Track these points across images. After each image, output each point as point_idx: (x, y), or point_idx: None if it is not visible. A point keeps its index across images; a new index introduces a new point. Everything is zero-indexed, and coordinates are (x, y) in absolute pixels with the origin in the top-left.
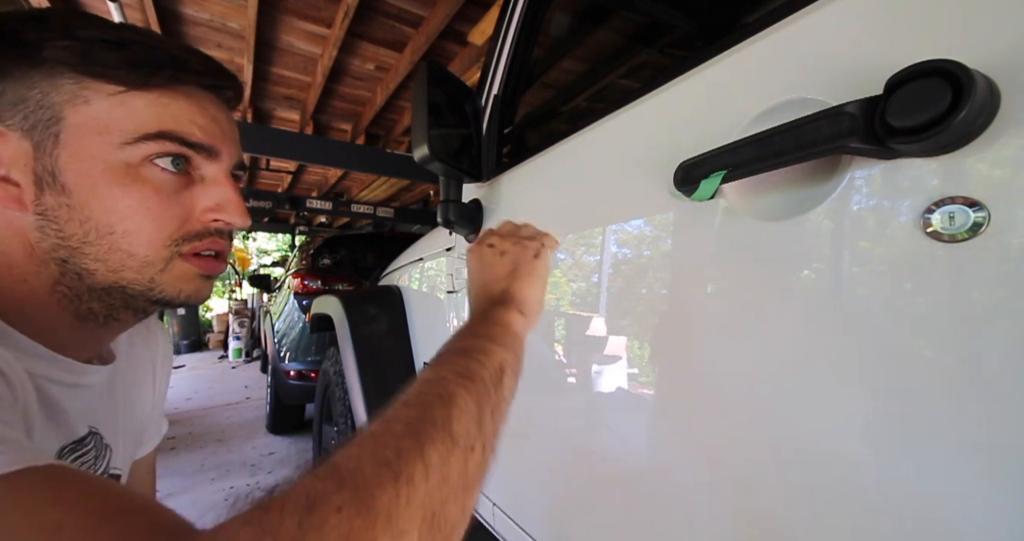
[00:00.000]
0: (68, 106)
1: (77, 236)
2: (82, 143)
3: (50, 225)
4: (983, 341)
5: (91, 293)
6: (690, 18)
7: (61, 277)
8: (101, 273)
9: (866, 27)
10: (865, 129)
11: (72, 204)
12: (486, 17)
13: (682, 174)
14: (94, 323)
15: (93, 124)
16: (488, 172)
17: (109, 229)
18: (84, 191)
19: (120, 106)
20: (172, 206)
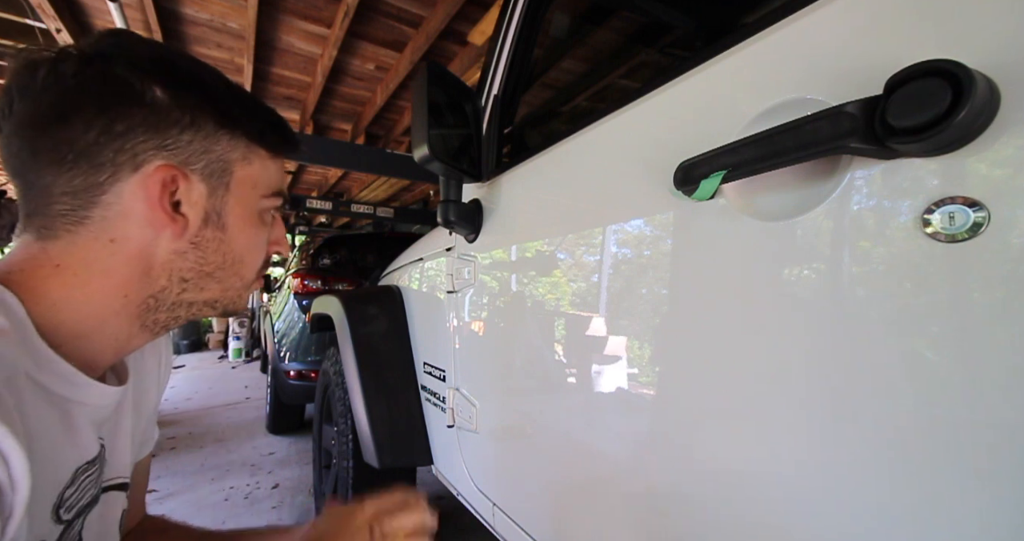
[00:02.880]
0: (237, 163)
1: (215, 263)
2: (242, 192)
3: (196, 252)
4: (983, 341)
5: (172, 305)
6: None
7: (160, 291)
8: (210, 291)
9: (866, 27)
10: (865, 129)
11: (224, 239)
12: (486, 17)
13: (682, 174)
14: (150, 332)
15: (250, 179)
16: (488, 172)
17: (240, 259)
18: (236, 230)
19: (264, 168)
20: (266, 243)
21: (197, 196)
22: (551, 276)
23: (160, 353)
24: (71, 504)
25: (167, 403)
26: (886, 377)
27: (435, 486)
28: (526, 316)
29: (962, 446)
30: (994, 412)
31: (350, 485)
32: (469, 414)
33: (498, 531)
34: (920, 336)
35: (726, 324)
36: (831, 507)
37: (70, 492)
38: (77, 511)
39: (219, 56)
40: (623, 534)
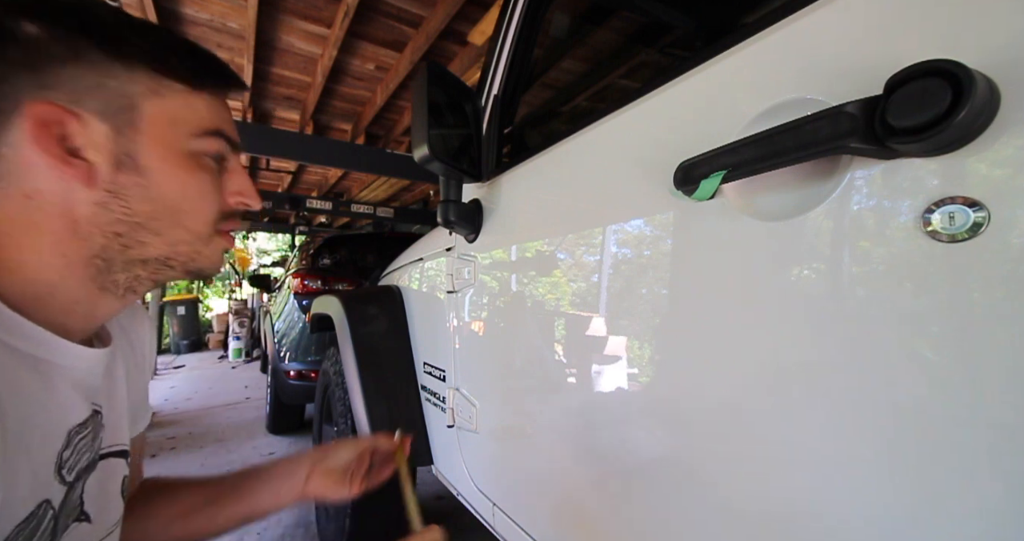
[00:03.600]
0: (143, 98)
1: (145, 213)
2: (157, 131)
3: (116, 202)
4: (983, 341)
5: (125, 264)
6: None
7: (102, 250)
8: (155, 246)
9: (866, 27)
10: (865, 129)
11: (146, 184)
12: (486, 17)
13: (682, 174)
14: (113, 295)
15: (166, 116)
16: (488, 172)
17: (176, 208)
18: (158, 173)
19: (186, 103)
20: (217, 191)
21: (99, 137)
22: (551, 276)
23: (143, 331)
24: (71, 466)
25: (167, 403)
26: (886, 377)
27: (435, 486)
28: (526, 316)
29: (962, 446)
30: (994, 412)
31: None
32: (469, 414)
33: (498, 531)
34: (920, 336)
35: (726, 324)
36: (831, 507)
37: (67, 453)
38: (77, 474)
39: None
40: (623, 534)
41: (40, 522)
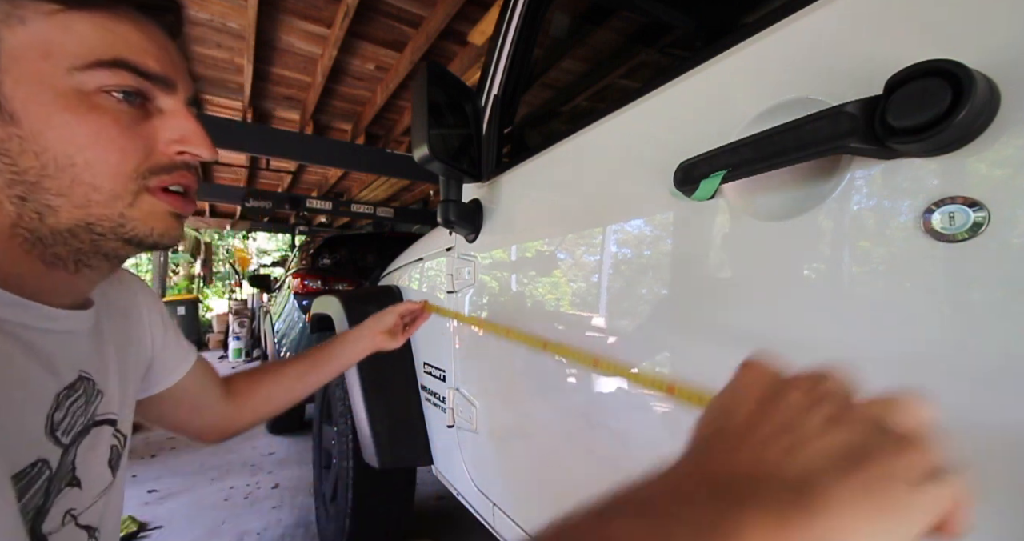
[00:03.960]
0: (1, 27)
1: (35, 169)
2: (26, 68)
3: (1, 159)
4: (983, 341)
5: (55, 236)
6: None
7: (19, 218)
8: (66, 210)
9: (866, 27)
10: (865, 129)
11: (24, 135)
12: (486, 17)
13: (682, 174)
14: (64, 270)
15: (34, 47)
16: (488, 172)
17: (69, 160)
18: (36, 120)
19: (62, 28)
20: (133, 137)
21: None
22: (551, 276)
23: (134, 294)
24: (66, 428)
25: None
26: (886, 377)
27: (435, 486)
28: (526, 316)
29: (962, 446)
30: (994, 412)
31: (350, 485)
32: (469, 414)
33: (498, 531)
34: (920, 336)
35: (726, 324)
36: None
37: (59, 415)
38: (72, 437)
39: (219, 56)
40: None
41: (33, 481)
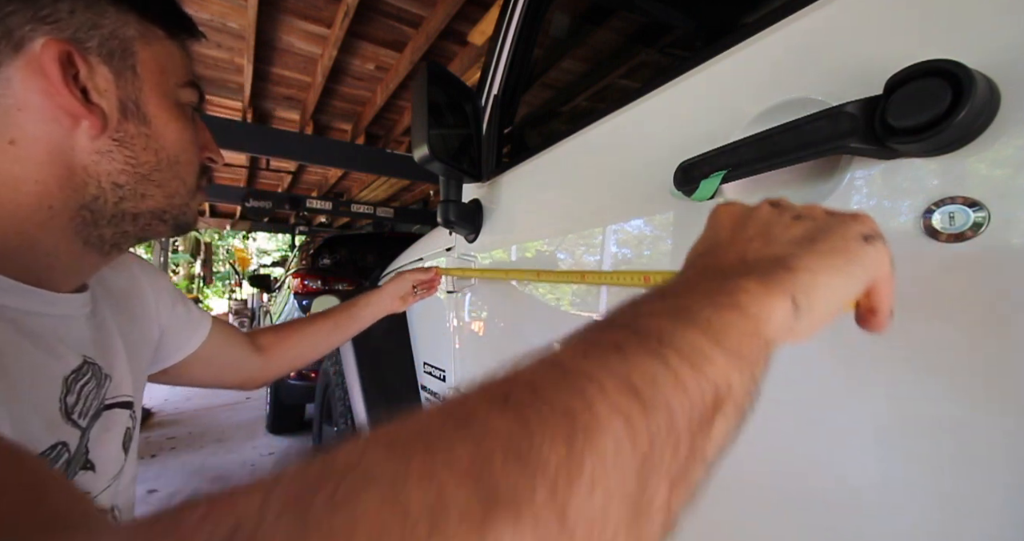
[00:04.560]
0: (137, 43)
1: (150, 164)
2: (155, 79)
3: (124, 151)
4: (983, 341)
5: (114, 218)
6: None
7: (93, 201)
8: (155, 198)
9: (866, 27)
10: (865, 129)
11: (150, 134)
12: (486, 17)
13: (682, 174)
14: (97, 251)
15: (158, 63)
16: (488, 172)
17: (176, 159)
18: (160, 123)
19: (168, 51)
20: (198, 143)
21: (103, 81)
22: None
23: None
24: (82, 411)
25: (167, 403)
26: (886, 377)
27: None
28: (526, 316)
29: (962, 446)
30: (994, 412)
31: None
32: None
33: None
34: (919, 336)
35: None
36: (830, 509)
37: (71, 399)
38: (88, 420)
39: (219, 56)
40: None
41: (52, 464)
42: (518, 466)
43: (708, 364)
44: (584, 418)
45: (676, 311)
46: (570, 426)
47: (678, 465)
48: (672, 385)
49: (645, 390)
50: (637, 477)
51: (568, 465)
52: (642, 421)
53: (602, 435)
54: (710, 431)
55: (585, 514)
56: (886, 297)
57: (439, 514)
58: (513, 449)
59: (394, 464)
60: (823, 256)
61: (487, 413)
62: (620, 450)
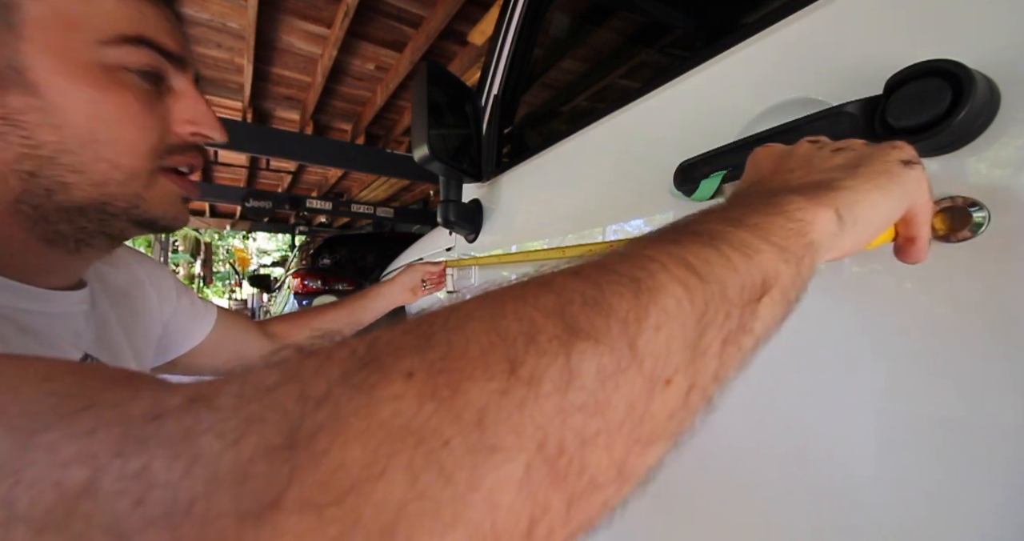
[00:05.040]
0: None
1: (52, 143)
2: (50, 38)
3: (15, 131)
4: (983, 341)
5: (61, 213)
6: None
7: (23, 194)
8: (81, 187)
9: (866, 27)
10: (865, 129)
11: (45, 107)
12: (486, 17)
13: (682, 174)
14: (63, 249)
15: (59, 16)
16: (488, 172)
17: (91, 135)
18: (59, 93)
19: (86, 1)
20: (153, 115)
21: None
22: None
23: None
24: None
25: None
26: (886, 377)
27: None
28: None
29: (962, 446)
30: (994, 412)
31: None
32: None
33: None
34: (919, 336)
35: None
36: (829, 509)
37: None
38: None
39: (219, 56)
40: (621, 532)
41: None
42: (594, 310)
43: (756, 253)
44: (648, 282)
45: (726, 220)
46: (636, 288)
47: (730, 328)
48: (724, 266)
49: (701, 267)
50: (695, 329)
51: (636, 312)
52: (698, 288)
53: (664, 294)
54: (757, 309)
55: (651, 349)
56: (924, 224)
57: (532, 336)
58: (589, 299)
59: (490, 307)
60: (865, 178)
61: (564, 279)
62: (680, 307)
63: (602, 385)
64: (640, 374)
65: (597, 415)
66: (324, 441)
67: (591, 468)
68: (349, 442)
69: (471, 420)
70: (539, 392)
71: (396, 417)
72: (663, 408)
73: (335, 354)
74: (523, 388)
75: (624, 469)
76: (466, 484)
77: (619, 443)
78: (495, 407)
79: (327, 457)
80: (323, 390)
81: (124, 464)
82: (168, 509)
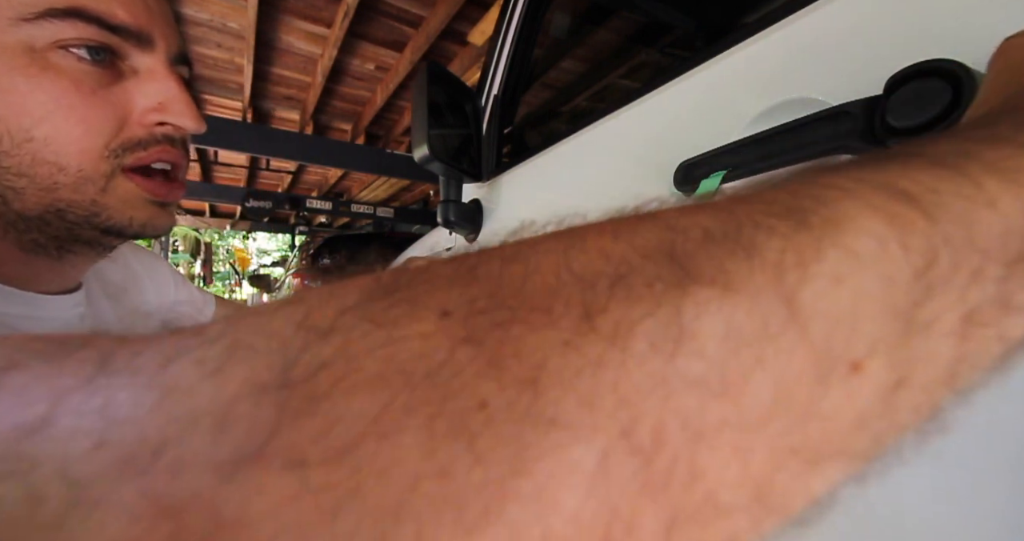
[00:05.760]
0: None
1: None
2: None
3: None
4: None
5: (26, 222)
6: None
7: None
8: (31, 193)
9: (866, 27)
10: (865, 129)
11: None
12: (486, 17)
13: (682, 174)
14: (46, 256)
15: None
16: (488, 172)
17: (26, 135)
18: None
19: None
20: (102, 105)
21: None
22: None
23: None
24: None
25: None
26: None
27: None
28: None
29: (961, 446)
30: (994, 412)
31: None
32: None
33: None
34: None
35: None
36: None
37: None
38: None
39: (219, 56)
40: None
41: None
42: (724, 247)
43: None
44: (822, 213)
45: (966, 138)
46: (799, 221)
47: (980, 298)
48: (969, 197)
49: (924, 196)
50: (909, 290)
51: (799, 252)
52: (919, 225)
53: (851, 231)
54: (980, 276)
55: (824, 310)
56: None
57: (621, 276)
58: (717, 233)
59: (563, 238)
60: None
61: (678, 212)
62: (884, 252)
63: (734, 355)
64: (803, 346)
65: (723, 399)
66: (325, 382)
67: (709, 478)
68: (356, 388)
69: (521, 377)
70: (628, 352)
71: (419, 362)
72: (846, 408)
73: (353, 281)
74: (602, 343)
75: (767, 491)
76: (507, 467)
77: (761, 448)
78: (559, 364)
79: (327, 402)
80: (330, 319)
81: (86, 398)
82: (131, 453)
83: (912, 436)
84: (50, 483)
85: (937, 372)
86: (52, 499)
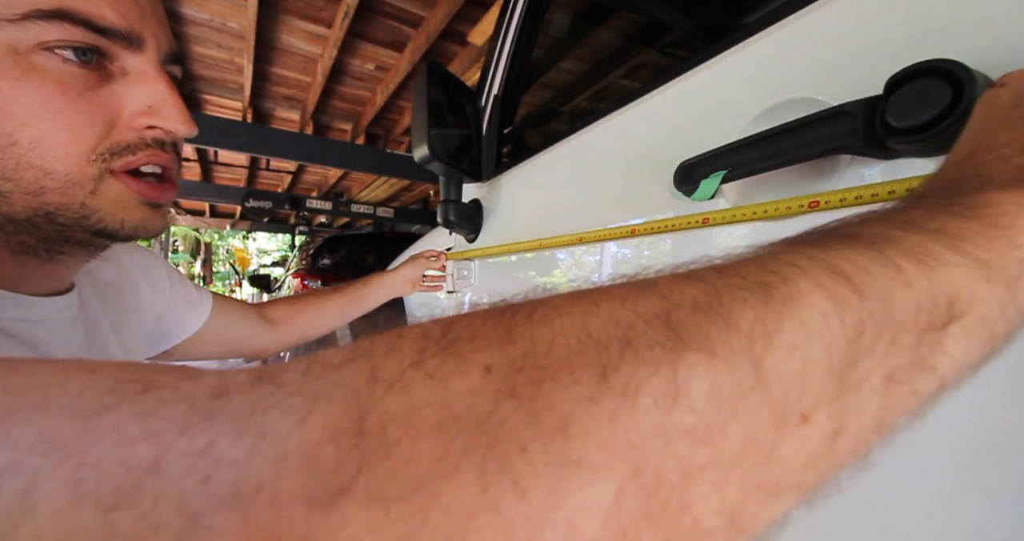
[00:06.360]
0: None
1: None
2: None
3: None
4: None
5: (14, 225)
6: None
7: None
8: (18, 197)
9: (866, 27)
10: (865, 129)
11: None
12: (486, 17)
13: (682, 174)
14: (36, 258)
15: None
16: (488, 172)
17: (10, 139)
18: None
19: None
20: (89, 108)
21: None
22: (551, 276)
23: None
24: None
25: None
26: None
27: None
28: None
29: (961, 446)
30: (993, 412)
31: None
32: None
33: None
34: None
35: None
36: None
37: None
38: None
39: (219, 56)
40: None
41: None
42: (708, 317)
43: (940, 265)
44: (782, 290)
45: (892, 222)
46: (765, 295)
47: (897, 361)
48: (891, 277)
49: (857, 277)
50: (844, 355)
51: (764, 324)
52: (853, 302)
53: (803, 306)
54: (943, 341)
55: (782, 372)
56: None
57: (629, 341)
58: (702, 305)
59: (582, 304)
60: None
61: (669, 281)
62: (826, 324)
63: (715, 409)
64: (766, 402)
65: (707, 444)
66: (395, 431)
67: (695, 508)
68: (421, 435)
69: (554, 426)
70: (636, 406)
71: (471, 413)
72: (798, 451)
73: (407, 333)
74: (616, 398)
75: (738, 517)
76: (544, 502)
77: (734, 483)
78: (583, 416)
79: (398, 448)
80: (395, 373)
81: (190, 441)
82: (236, 488)
83: (848, 472)
84: (165, 513)
85: (867, 421)
86: (169, 527)
